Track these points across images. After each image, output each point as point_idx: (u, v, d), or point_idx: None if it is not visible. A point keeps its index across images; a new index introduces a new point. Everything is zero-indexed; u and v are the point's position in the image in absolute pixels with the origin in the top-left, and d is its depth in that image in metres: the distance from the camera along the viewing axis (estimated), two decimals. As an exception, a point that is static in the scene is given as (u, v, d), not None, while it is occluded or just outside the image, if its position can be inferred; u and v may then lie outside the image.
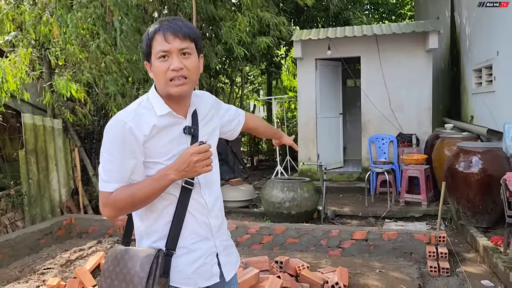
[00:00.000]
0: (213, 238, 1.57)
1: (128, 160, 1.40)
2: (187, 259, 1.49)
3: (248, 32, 5.93)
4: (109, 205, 1.41)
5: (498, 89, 5.33)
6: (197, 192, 1.51)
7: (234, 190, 6.63)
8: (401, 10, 15.54)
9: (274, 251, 4.57)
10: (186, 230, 1.49)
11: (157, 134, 1.44)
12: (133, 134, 1.39)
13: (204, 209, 1.54)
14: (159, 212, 1.48)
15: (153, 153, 1.44)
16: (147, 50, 1.48)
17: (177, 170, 1.39)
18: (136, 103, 1.49)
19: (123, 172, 1.40)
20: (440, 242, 4.19)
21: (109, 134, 1.41)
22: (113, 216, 1.44)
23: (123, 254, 1.43)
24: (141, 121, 1.41)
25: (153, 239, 1.49)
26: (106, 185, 1.41)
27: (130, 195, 1.39)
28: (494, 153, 4.79)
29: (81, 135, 6.60)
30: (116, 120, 1.42)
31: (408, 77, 7.51)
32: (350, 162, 9.33)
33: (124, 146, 1.39)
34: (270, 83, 13.42)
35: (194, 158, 1.37)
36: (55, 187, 5.82)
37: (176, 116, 1.48)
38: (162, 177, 1.40)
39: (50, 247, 4.90)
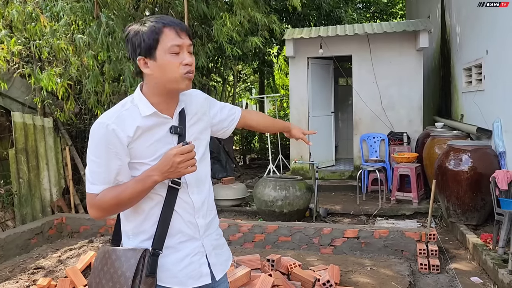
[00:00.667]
0: (200, 238, 1.55)
1: (112, 162, 1.39)
2: (173, 258, 1.49)
3: (239, 31, 5.91)
4: (95, 206, 1.42)
5: (488, 88, 5.38)
6: (184, 191, 1.51)
7: (226, 188, 6.63)
8: (393, 9, 15.62)
9: (266, 250, 4.58)
10: (173, 230, 1.48)
11: (141, 135, 1.43)
12: (117, 136, 1.39)
13: (191, 209, 1.53)
14: (146, 213, 1.47)
15: (139, 154, 1.43)
16: (151, 44, 1.42)
17: (161, 171, 1.38)
18: (120, 105, 1.47)
19: (108, 174, 1.40)
20: (430, 240, 4.23)
21: (93, 136, 1.41)
22: (100, 217, 1.45)
23: (111, 254, 1.44)
24: (124, 122, 1.41)
25: (140, 239, 1.48)
26: (92, 186, 1.41)
27: (115, 197, 1.39)
28: (483, 151, 4.84)
29: (72, 133, 6.55)
30: (99, 123, 1.41)
31: (399, 76, 7.56)
32: (342, 161, 9.38)
33: (108, 148, 1.38)
34: (263, 82, 13.43)
35: (177, 159, 1.36)
36: (46, 186, 5.78)
37: (161, 116, 1.47)
38: (145, 178, 1.39)
39: (41, 247, 4.87)
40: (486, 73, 5.41)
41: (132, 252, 1.42)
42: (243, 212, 6.44)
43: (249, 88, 17.39)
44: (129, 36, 1.46)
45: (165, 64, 1.42)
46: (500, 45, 4.95)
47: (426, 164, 6.07)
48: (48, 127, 5.87)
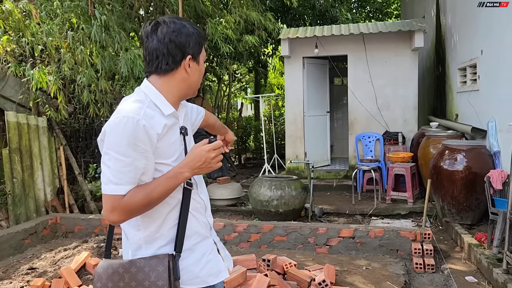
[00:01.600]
0: (211, 236, 1.59)
1: (140, 160, 1.31)
2: (192, 259, 1.48)
3: (234, 30, 5.90)
4: (120, 208, 1.30)
5: (482, 87, 5.40)
6: (195, 192, 1.52)
7: (222, 188, 6.62)
8: (388, 9, 15.65)
9: (262, 249, 4.57)
10: (189, 231, 1.48)
11: (166, 134, 1.40)
12: (147, 132, 1.32)
13: (202, 208, 1.55)
14: (164, 217, 1.44)
15: (162, 154, 1.39)
16: (199, 49, 1.48)
17: (191, 167, 1.38)
18: (138, 101, 1.39)
19: (135, 173, 1.31)
20: (425, 239, 4.25)
21: (117, 132, 1.30)
22: (121, 221, 1.34)
23: (128, 267, 1.36)
24: (152, 119, 1.36)
25: (157, 245, 1.44)
26: (117, 187, 1.30)
27: (146, 196, 1.32)
28: (478, 151, 4.86)
29: (66, 133, 6.51)
30: (127, 117, 1.31)
31: (394, 76, 7.58)
32: (337, 160, 9.39)
33: (137, 145, 1.30)
34: (258, 81, 13.42)
35: (211, 155, 1.39)
36: (40, 186, 5.74)
37: (176, 117, 1.48)
38: (177, 175, 1.37)
39: (35, 247, 4.84)
40: (481, 73, 5.43)
41: (156, 260, 1.37)
42: (239, 212, 6.44)
43: (244, 87, 17.38)
44: (169, 32, 1.40)
45: (202, 69, 1.52)
46: (495, 45, 4.97)
47: (421, 163, 6.09)
48: (42, 126, 5.83)
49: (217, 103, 12.98)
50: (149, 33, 1.43)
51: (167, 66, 1.42)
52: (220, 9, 6.18)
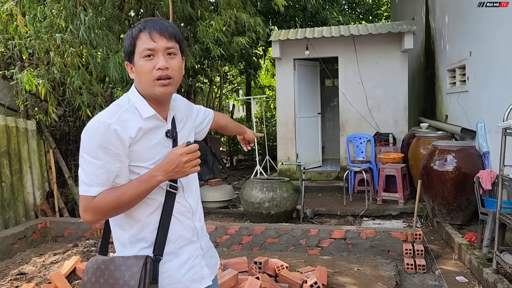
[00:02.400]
0: (198, 240, 1.56)
1: (112, 163, 1.34)
2: (175, 263, 1.47)
3: (225, 32, 5.89)
4: (92, 209, 1.34)
5: (471, 89, 5.45)
6: (181, 195, 1.50)
7: (213, 190, 6.60)
8: (378, 10, 15.75)
9: (254, 252, 4.57)
10: (173, 235, 1.47)
11: (142, 137, 1.40)
12: (119, 136, 1.34)
13: (189, 213, 1.53)
14: (144, 220, 1.43)
15: (139, 157, 1.39)
16: (130, 49, 1.43)
17: (165, 171, 1.36)
18: (117, 105, 1.42)
19: (107, 175, 1.34)
20: (416, 240, 4.27)
21: (90, 136, 1.34)
22: (94, 221, 1.38)
23: (108, 264, 1.38)
24: (126, 123, 1.37)
25: (139, 247, 1.44)
26: (88, 188, 1.34)
27: (116, 198, 1.33)
28: (467, 151, 4.90)
29: (56, 136, 6.45)
30: (98, 121, 1.34)
31: (384, 77, 7.62)
32: (329, 161, 9.41)
33: (108, 149, 1.32)
34: (249, 83, 13.43)
35: (184, 159, 1.36)
36: (29, 190, 5.67)
37: (159, 119, 1.46)
38: (149, 179, 1.36)
39: (24, 252, 4.78)
40: (470, 74, 5.48)
41: (134, 260, 1.38)
42: (230, 214, 6.42)
43: (236, 89, 17.38)
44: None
45: (139, 69, 1.41)
46: (484, 46, 5.02)
47: (412, 164, 6.13)
48: (31, 129, 5.77)
49: (208, 104, 12.95)
50: None
51: None
52: (211, 11, 6.16)
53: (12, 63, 6.00)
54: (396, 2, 12.08)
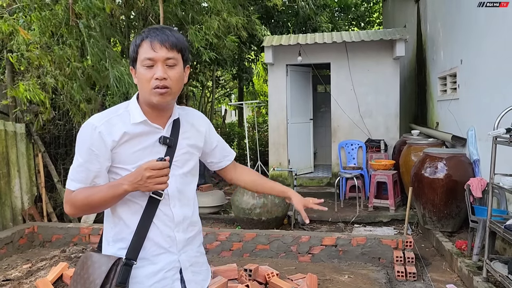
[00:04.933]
0: (177, 253, 1.53)
1: (92, 164, 1.42)
2: (147, 270, 1.47)
3: (215, 34, 5.87)
4: (69, 202, 1.45)
5: (462, 96, 5.49)
6: (165, 203, 1.49)
7: (204, 196, 6.56)
8: (370, 17, 15.86)
9: (244, 258, 4.53)
10: (149, 241, 1.47)
11: (128, 141, 1.44)
12: (102, 139, 1.41)
13: (170, 222, 1.50)
14: (124, 221, 1.47)
15: (122, 159, 1.44)
16: (133, 56, 1.48)
17: (131, 182, 1.37)
18: (113, 109, 1.50)
19: (86, 174, 1.43)
20: (407, 247, 4.27)
21: (79, 135, 1.45)
22: (71, 214, 1.47)
23: (87, 259, 1.44)
24: (113, 127, 1.43)
25: (118, 246, 1.48)
26: (70, 182, 1.45)
27: (86, 197, 1.41)
28: (458, 159, 4.91)
29: (45, 140, 6.37)
30: (87, 123, 1.44)
31: (376, 84, 7.65)
32: (320, 167, 9.41)
33: (90, 150, 1.41)
34: (241, 88, 13.42)
35: (146, 173, 1.35)
36: (17, 194, 5.59)
37: (151, 125, 1.48)
38: (117, 186, 1.39)
39: (11, 257, 4.70)
40: (461, 82, 5.52)
41: (106, 259, 1.41)
42: (221, 220, 6.38)
43: (228, 93, 17.36)
44: None
45: (139, 77, 1.46)
46: (474, 55, 5.06)
47: (403, 171, 6.14)
48: (20, 133, 5.70)
49: (200, 109, 12.91)
50: None
51: None
52: (203, 14, 6.14)
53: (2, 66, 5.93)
54: (388, 9, 12.18)
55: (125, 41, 6.30)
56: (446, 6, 6.24)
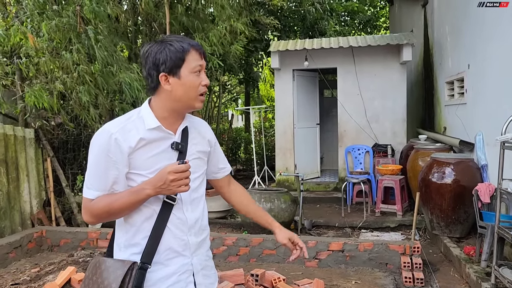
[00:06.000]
0: (190, 256, 1.55)
1: (110, 171, 1.42)
2: (161, 274, 1.48)
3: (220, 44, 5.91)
4: (88, 211, 1.45)
5: (470, 101, 5.46)
6: (179, 208, 1.51)
7: (211, 200, 6.56)
8: (377, 22, 15.84)
9: (251, 263, 4.53)
10: (163, 246, 1.49)
11: (143, 147, 1.46)
12: (119, 145, 1.42)
13: (183, 226, 1.53)
14: (138, 226, 1.48)
15: (137, 165, 1.45)
16: (177, 63, 1.46)
17: (154, 186, 1.39)
18: (126, 116, 1.51)
19: (105, 181, 1.43)
20: (414, 253, 4.24)
21: (94, 143, 1.45)
22: (90, 222, 1.48)
23: (100, 264, 1.44)
24: (128, 133, 1.44)
25: (131, 251, 1.49)
26: (88, 191, 1.45)
27: (107, 205, 1.41)
28: (466, 164, 4.89)
29: (54, 144, 6.43)
30: (102, 130, 1.45)
31: (383, 89, 7.64)
32: (327, 172, 9.39)
33: (108, 156, 1.41)
34: (248, 93, 13.45)
35: (170, 177, 1.37)
36: (26, 199, 5.64)
37: (164, 131, 1.50)
38: (139, 191, 1.41)
39: (19, 261, 4.74)
40: (468, 87, 5.50)
41: (121, 264, 1.42)
42: (228, 225, 6.38)
43: (235, 98, 17.40)
44: (151, 52, 1.48)
45: (188, 83, 1.48)
46: (482, 59, 5.04)
47: (410, 176, 6.11)
48: (29, 138, 5.75)
49: (207, 114, 12.95)
50: (141, 57, 1.56)
51: (150, 85, 1.52)
52: (208, 22, 6.19)
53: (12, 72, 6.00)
54: (395, 14, 12.16)
55: (132, 46, 6.35)
56: (453, 11, 6.23)
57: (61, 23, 5.08)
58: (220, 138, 12.02)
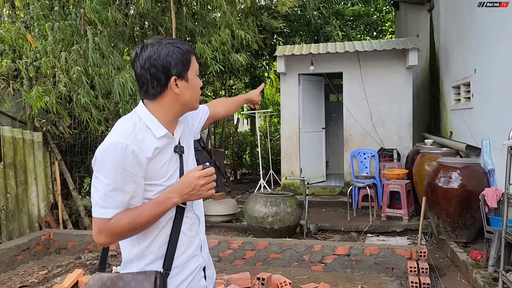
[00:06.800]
0: (201, 253, 1.58)
1: (128, 185, 1.33)
2: (179, 278, 1.47)
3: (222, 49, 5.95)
4: (106, 231, 1.33)
5: (476, 105, 5.45)
6: (189, 209, 1.51)
7: (217, 204, 6.59)
8: (382, 26, 15.84)
9: (257, 267, 4.54)
10: (179, 250, 1.47)
11: (157, 156, 1.41)
12: (136, 157, 1.33)
13: (195, 225, 1.54)
14: (155, 235, 1.43)
15: (153, 175, 1.40)
16: (186, 66, 1.45)
17: (181, 193, 1.37)
18: (130, 124, 1.41)
19: (123, 197, 1.33)
20: (421, 257, 4.23)
21: (106, 157, 1.32)
22: (108, 243, 1.37)
23: (115, 281, 1.36)
24: (142, 143, 1.37)
25: (146, 261, 1.43)
26: (103, 211, 1.33)
27: (131, 220, 1.32)
28: (472, 168, 4.88)
29: (62, 148, 6.49)
30: (115, 142, 1.33)
31: (389, 93, 7.64)
32: (333, 176, 9.39)
33: (125, 170, 1.32)
34: (254, 97, 13.46)
35: (200, 182, 1.37)
36: (34, 202, 5.69)
37: (170, 137, 1.48)
38: (165, 201, 1.37)
39: (27, 264, 4.78)
40: (475, 91, 5.49)
41: (143, 276, 1.36)
42: (234, 228, 6.40)
43: (241, 102, 17.42)
44: (160, 56, 1.41)
45: (195, 85, 1.50)
46: (488, 64, 5.03)
47: (416, 181, 6.11)
48: (37, 141, 5.81)
49: (213, 118, 12.98)
50: (134, 59, 1.45)
51: (154, 90, 1.44)
52: (211, 26, 6.22)
53: (19, 75, 6.07)
54: (401, 18, 12.17)
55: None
56: (459, 15, 6.23)
57: (65, 26, 5.14)
58: (226, 142, 12.06)
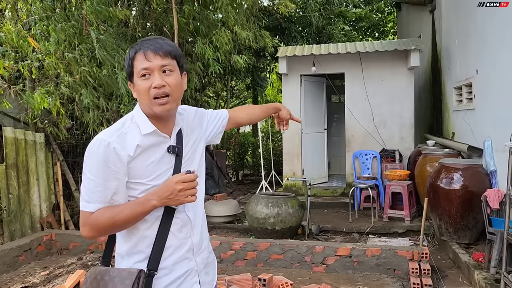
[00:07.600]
0: (194, 256, 1.55)
1: (110, 181, 1.36)
2: (167, 279, 1.46)
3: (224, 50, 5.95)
4: (89, 225, 1.38)
5: (478, 107, 5.44)
6: (181, 210, 1.49)
7: (219, 205, 6.59)
8: (384, 27, 15.84)
9: (258, 268, 4.54)
10: (168, 251, 1.47)
11: (141, 154, 1.41)
12: (117, 154, 1.36)
13: (186, 227, 1.51)
14: (141, 234, 1.45)
15: (137, 173, 1.41)
16: (129, 70, 1.46)
17: (160, 196, 1.37)
18: (120, 123, 1.46)
19: (105, 193, 1.37)
20: (423, 259, 4.22)
21: (91, 154, 1.38)
22: (91, 236, 1.40)
23: (103, 275, 1.40)
24: (125, 141, 1.39)
25: (135, 260, 1.45)
26: (87, 205, 1.38)
27: (111, 217, 1.36)
28: (474, 169, 4.86)
29: (63, 149, 6.50)
30: (99, 140, 1.38)
31: (391, 94, 7.63)
32: (335, 177, 9.38)
33: (107, 167, 1.36)
34: (256, 98, 13.50)
35: (178, 187, 1.36)
36: (36, 202, 5.70)
37: (161, 135, 1.46)
38: (144, 202, 1.38)
39: (29, 264, 4.79)
40: (477, 92, 5.48)
41: (127, 273, 1.38)
42: (235, 229, 6.40)
43: (242, 103, 17.46)
44: None
45: (138, 88, 1.45)
46: (490, 65, 5.02)
47: (418, 182, 6.09)
48: (39, 142, 5.82)
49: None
50: None
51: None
52: (212, 26, 6.22)
53: (21, 77, 6.09)
54: (403, 19, 12.16)
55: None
56: (460, 16, 6.22)
57: (68, 27, 5.15)
58: (227, 143, 12.07)
